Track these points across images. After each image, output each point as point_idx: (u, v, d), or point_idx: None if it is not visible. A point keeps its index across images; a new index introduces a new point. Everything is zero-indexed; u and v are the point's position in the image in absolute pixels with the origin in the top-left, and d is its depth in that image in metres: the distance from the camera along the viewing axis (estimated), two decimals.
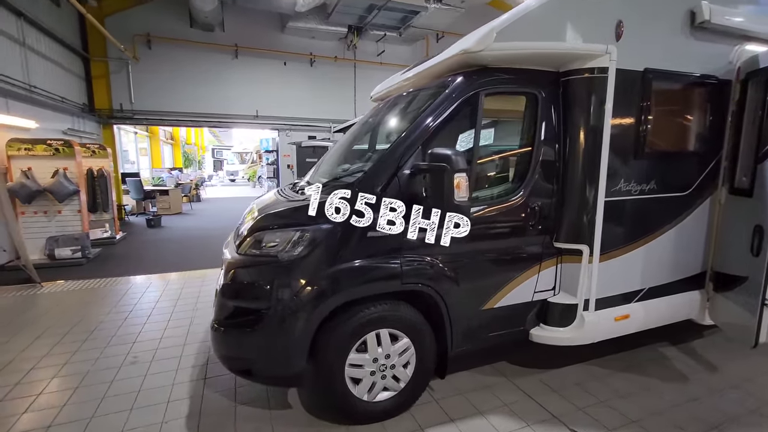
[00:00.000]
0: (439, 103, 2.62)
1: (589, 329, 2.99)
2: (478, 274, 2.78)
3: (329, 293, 2.40)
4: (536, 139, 2.84)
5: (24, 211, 6.55)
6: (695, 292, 3.42)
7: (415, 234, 2.53)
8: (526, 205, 2.84)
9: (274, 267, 2.42)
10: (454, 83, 2.69)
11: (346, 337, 2.48)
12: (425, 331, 2.69)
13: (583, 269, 2.94)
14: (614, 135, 2.83)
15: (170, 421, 2.68)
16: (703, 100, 3.17)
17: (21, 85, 7.29)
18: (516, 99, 2.88)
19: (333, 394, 2.52)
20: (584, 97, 2.81)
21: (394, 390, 2.68)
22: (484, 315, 2.86)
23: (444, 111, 2.61)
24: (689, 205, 3.23)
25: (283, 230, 2.49)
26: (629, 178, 2.95)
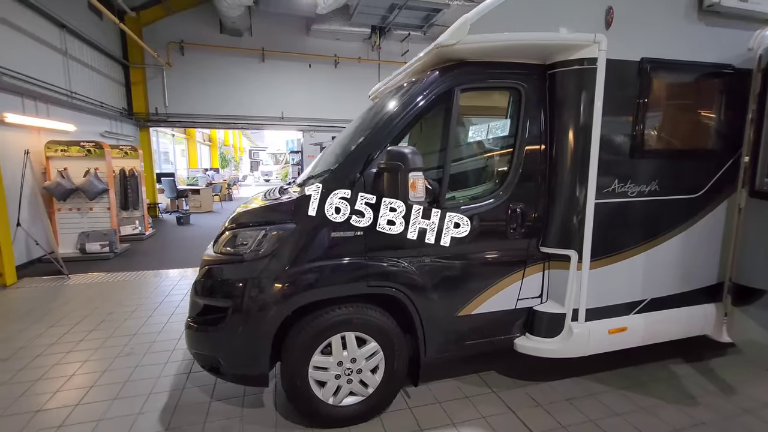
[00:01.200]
0: (410, 100, 2.53)
1: (578, 341, 2.77)
2: (451, 279, 2.65)
3: (289, 294, 2.37)
4: (519, 137, 2.67)
5: (60, 208, 7.07)
6: (710, 306, 3.09)
7: (380, 235, 2.45)
8: (507, 206, 2.68)
9: (239, 266, 2.43)
10: (427, 79, 2.58)
11: (310, 338, 2.44)
12: (396, 335, 2.60)
13: (572, 276, 2.73)
14: (606, 132, 2.61)
15: (146, 413, 2.76)
16: (717, 92, 2.86)
17: (62, 92, 7.87)
18: (498, 94, 2.73)
19: (297, 396, 2.49)
20: (571, 90, 2.61)
21: (362, 395, 2.61)
22: (460, 322, 2.72)
23: (415, 108, 2.51)
24: (700, 208, 2.92)
25: (250, 229, 2.49)
26: (625, 178, 2.71)
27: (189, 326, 2.56)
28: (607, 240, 2.75)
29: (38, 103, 6.91)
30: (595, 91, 2.53)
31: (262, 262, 2.39)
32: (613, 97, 2.59)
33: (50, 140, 6.90)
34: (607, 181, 2.67)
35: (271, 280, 2.36)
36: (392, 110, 2.54)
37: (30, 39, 7.03)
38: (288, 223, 2.42)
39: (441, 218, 2.55)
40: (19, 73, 6.37)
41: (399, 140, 2.49)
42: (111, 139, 9.87)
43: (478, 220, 2.64)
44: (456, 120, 2.55)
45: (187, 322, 2.60)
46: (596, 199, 2.64)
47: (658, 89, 2.70)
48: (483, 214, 2.65)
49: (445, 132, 2.54)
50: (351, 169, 2.45)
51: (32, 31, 7.08)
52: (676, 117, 2.82)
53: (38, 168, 6.85)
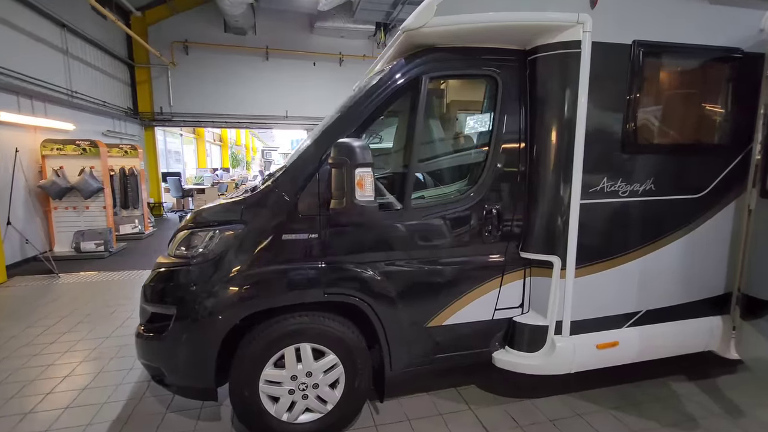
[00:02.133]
0: (371, 91, 2.30)
1: (562, 357, 2.49)
2: (419, 286, 2.41)
3: (236, 302, 2.17)
4: (495, 130, 2.41)
5: (56, 207, 7.07)
6: (716, 319, 2.78)
7: (337, 238, 2.24)
8: (482, 207, 2.42)
9: (185, 270, 2.25)
10: (392, 68, 2.35)
11: (260, 350, 2.24)
12: (357, 348, 2.37)
13: (554, 285, 2.46)
14: (593, 124, 2.33)
15: (95, 424, 2.61)
16: (723, 79, 2.54)
17: (62, 91, 7.90)
18: (472, 83, 2.48)
19: (246, 412, 2.30)
20: (552, 78, 2.34)
21: (320, 412, 2.39)
22: (429, 333, 2.48)
23: (377, 99, 2.28)
24: (703, 210, 2.61)
25: (200, 230, 2.31)
26: (615, 176, 2.42)
27: (137, 334, 2.39)
28: (595, 245, 2.47)
29: (35, 102, 6.92)
30: (579, 78, 2.26)
31: (207, 265, 2.20)
32: (600, 85, 2.31)
33: (46, 139, 6.90)
34: (594, 180, 2.39)
35: (217, 286, 2.17)
36: (352, 103, 2.32)
37: (28, 38, 7.06)
38: (236, 224, 2.23)
39: (406, 220, 2.33)
40: (14, 72, 6.38)
41: (358, 135, 2.27)
42: (114, 138, 9.91)
43: (448, 221, 2.40)
44: (423, 112, 2.31)
45: (137, 329, 2.43)
46: (582, 200, 2.37)
47: (653, 76, 2.41)
48: (454, 215, 2.41)
49: (411, 125, 2.31)
50: (305, 166, 2.24)
51: (31, 30, 7.10)
52: (674, 107, 2.52)
53: (34, 167, 6.87)
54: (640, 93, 2.38)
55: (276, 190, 2.24)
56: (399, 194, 2.33)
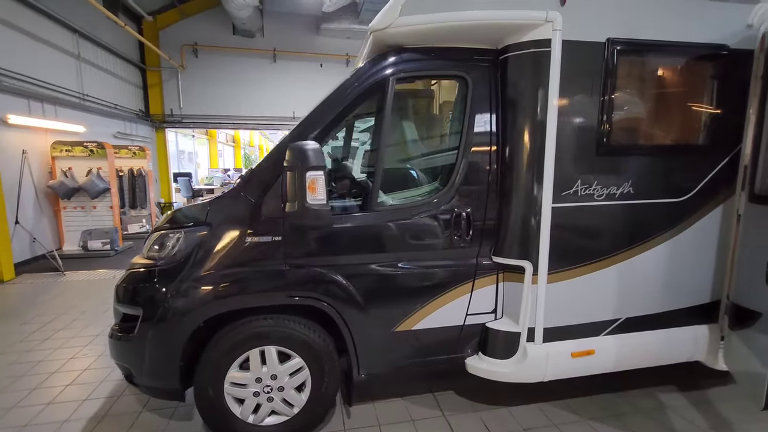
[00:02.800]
0: (339, 93, 2.28)
1: (534, 365, 2.43)
2: (385, 290, 2.38)
3: (199, 303, 2.18)
4: (465, 131, 2.36)
5: (66, 206, 7.30)
6: (702, 327, 2.66)
7: (301, 241, 2.23)
8: (451, 210, 2.38)
9: (153, 271, 2.27)
10: (359, 69, 2.33)
11: (225, 352, 2.25)
12: (324, 351, 2.36)
13: (526, 291, 2.39)
14: (565, 125, 2.26)
15: (73, 420, 2.66)
16: (707, 77, 2.43)
17: (73, 94, 8.14)
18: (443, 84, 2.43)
19: (212, 413, 2.31)
20: (522, 78, 2.28)
21: (286, 415, 2.39)
22: (398, 338, 2.45)
23: (343, 102, 2.26)
24: (687, 214, 2.50)
25: (169, 232, 2.33)
26: (590, 179, 2.34)
27: (110, 334, 2.43)
28: (570, 250, 2.39)
29: (45, 105, 7.15)
30: (549, 78, 2.19)
31: (172, 267, 2.22)
32: (573, 85, 2.24)
33: (56, 141, 7.12)
34: (567, 183, 2.31)
35: (180, 288, 2.19)
36: (319, 106, 2.31)
37: (41, 44, 7.29)
38: (202, 226, 2.24)
39: (372, 222, 2.30)
40: (24, 76, 6.59)
41: (323, 138, 2.25)
42: (124, 139, 10.17)
43: (416, 225, 2.36)
44: (390, 114, 2.27)
45: (110, 329, 2.47)
46: (554, 203, 2.30)
47: (629, 75, 2.32)
48: (423, 218, 2.37)
49: (378, 127, 2.28)
50: (269, 169, 2.23)
51: (43, 36, 7.34)
52: (653, 108, 2.41)
53: (44, 167, 7.10)
54: (616, 93, 2.29)
55: (240, 192, 2.25)
56: (365, 197, 2.31)
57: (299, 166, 1.89)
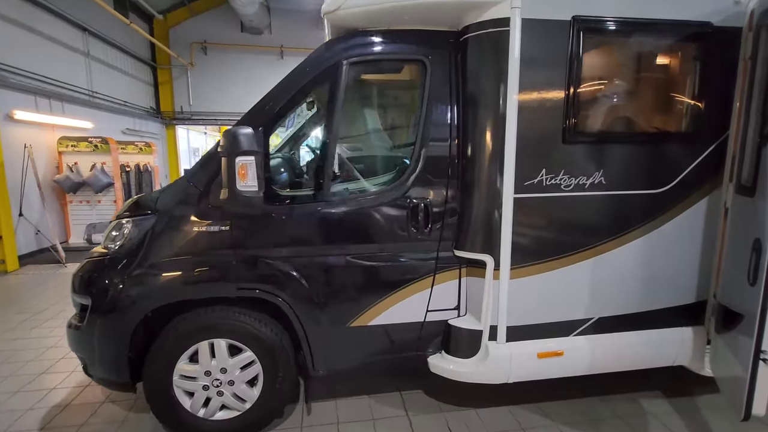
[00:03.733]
0: (290, 78, 2.21)
1: (497, 365, 2.29)
2: (339, 284, 2.29)
3: (144, 294, 2.14)
4: (423, 118, 2.24)
5: (72, 200, 7.49)
6: (686, 330, 2.47)
7: (250, 230, 2.16)
8: (409, 200, 2.26)
9: (104, 260, 2.25)
10: (311, 54, 2.24)
11: (173, 344, 2.21)
12: (277, 345, 2.29)
13: (488, 287, 2.26)
14: (528, 111, 2.11)
15: (36, 409, 2.68)
16: (688, 58, 2.24)
17: (81, 91, 8.35)
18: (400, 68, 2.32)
19: (161, 406, 2.27)
20: (481, 60, 2.14)
21: (237, 410, 2.33)
22: (353, 334, 2.35)
23: (294, 87, 2.18)
24: (667, 206, 2.32)
25: (119, 221, 2.31)
26: (556, 168, 2.19)
27: (68, 324, 2.43)
28: (535, 244, 2.25)
29: (53, 102, 7.35)
30: (508, 60, 2.05)
31: (120, 257, 2.19)
32: (536, 68, 2.09)
33: (62, 136, 7.31)
34: (530, 172, 2.16)
35: (126, 278, 2.15)
36: (270, 92, 2.24)
37: (49, 41, 7.49)
38: (149, 215, 2.20)
39: (325, 212, 2.21)
40: (31, 72, 6.77)
41: (272, 125, 2.18)
42: (134, 135, 10.38)
43: (371, 215, 2.26)
44: (343, 99, 2.18)
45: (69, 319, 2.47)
46: (516, 194, 2.16)
47: (599, 57, 2.15)
48: (378, 208, 2.27)
49: (331, 113, 2.19)
50: (217, 156, 2.17)
51: (52, 34, 7.54)
52: (627, 92, 2.24)
53: (51, 162, 7.30)
54: (584, 76, 2.13)
55: (188, 180, 2.20)
56: (317, 185, 2.22)
57: (230, 152, 1.82)
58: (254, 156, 1.84)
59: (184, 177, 2.21)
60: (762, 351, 1.87)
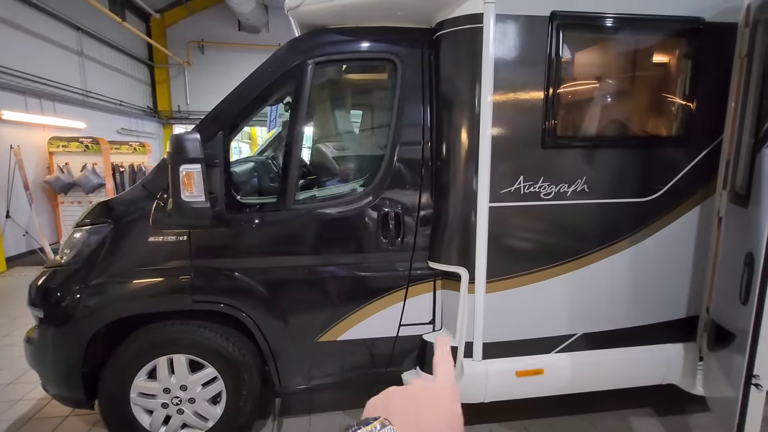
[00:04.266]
0: (252, 80, 2.08)
1: (472, 383, 2.16)
2: (305, 297, 2.17)
3: (94, 308, 2.03)
4: (394, 122, 2.11)
5: (63, 201, 7.42)
6: (677, 346, 2.32)
7: (209, 240, 2.04)
8: (379, 210, 2.13)
9: (56, 272, 2.14)
10: (275, 53, 2.12)
11: (130, 359, 2.10)
12: (240, 361, 2.17)
13: (462, 300, 2.13)
14: (503, 114, 1.97)
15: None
16: (677, 56, 2.08)
17: (74, 91, 8.28)
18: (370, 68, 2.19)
19: (118, 424, 2.16)
20: (453, 60, 2.00)
21: (200, 428, 2.22)
22: (321, 349, 2.23)
23: (256, 89, 2.06)
24: (655, 216, 2.17)
25: (74, 230, 2.20)
26: (535, 175, 2.04)
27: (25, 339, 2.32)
28: (513, 256, 2.11)
29: (43, 101, 7.28)
30: (482, 59, 1.91)
31: (74, 268, 2.07)
32: (512, 68, 1.95)
33: (52, 136, 7.24)
34: (507, 179, 2.02)
35: (78, 290, 2.04)
36: (230, 94, 2.11)
37: (40, 40, 7.42)
38: (104, 224, 2.09)
39: (289, 222, 2.09)
40: (20, 72, 6.70)
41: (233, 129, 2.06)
42: (129, 135, 10.31)
43: (339, 225, 2.14)
44: (308, 102, 2.05)
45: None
46: (491, 203, 2.02)
47: (580, 55, 2.01)
48: (346, 218, 2.14)
49: (295, 117, 2.06)
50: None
51: (42, 32, 7.47)
52: (612, 94, 2.09)
53: (42, 163, 7.23)
54: (564, 76, 1.99)
55: (144, 187, 2.08)
56: (280, 193, 2.09)
57: (174, 159, 1.69)
58: (200, 164, 1.71)
59: (140, 183, 2.09)
60: (754, 375, 1.73)
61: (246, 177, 2.55)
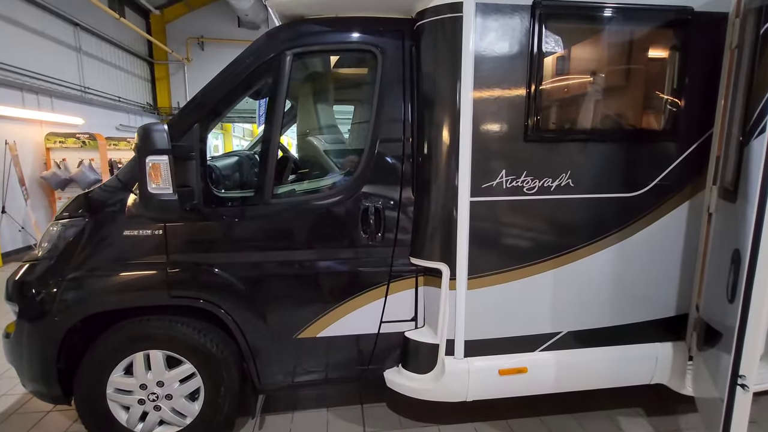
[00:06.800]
0: (229, 71, 2.04)
1: (454, 382, 2.12)
2: (284, 293, 2.13)
3: (69, 303, 2.00)
4: (375, 114, 2.06)
5: (60, 197, 7.43)
6: (665, 345, 2.27)
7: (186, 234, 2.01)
8: (358, 204, 2.09)
9: (32, 266, 2.11)
10: (252, 44, 2.07)
11: (107, 355, 2.08)
12: (219, 357, 2.14)
13: (444, 297, 2.08)
14: (485, 106, 1.92)
15: None
16: (665, 47, 2.02)
17: (72, 87, 8.27)
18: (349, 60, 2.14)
19: (94, 421, 2.14)
20: (434, 50, 1.95)
21: (177, 425, 2.19)
22: (301, 346, 2.19)
23: (233, 81, 2.02)
24: (642, 211, 2.11)
25: (51, 224, 2.18)
26: (517, 169, 1.99)
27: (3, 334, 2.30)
28: (495, 251, 2.06)
29: (41, 97, 7.28)
30: (461, 48, 1.85)
31: (49, 261, 2.05)
32: (493, 58, 1.90)
33: (49, 132, 7.25)
34: (488, 173, 1.97)
35: (54, 285, 2.01)
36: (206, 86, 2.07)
37: (37, 36, 7.42)
38: (80, 218, 2.06)
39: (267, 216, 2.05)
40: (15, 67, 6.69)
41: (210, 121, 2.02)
42: (129, 132, 10.31)
43: (318, 219, 2.10)
44: (285, 94, 2.01)
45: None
46: (472, 197, 1.97)
47: (566, 46, 1.95)
48: (326, 212, 2.10)
49: (272, 109, 2.02)
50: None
51: (39, 28, 7.46)
52: (598, 85, 2.03)
53: (39, 158, 7.24)
54: (548, 67, 1.93)
55: (118, 179, 2.05)
56: (258, 187, 2.05)
57: (140, 150, 1.66)
58: (167, 155, 1.67)
59: (115, 176, 2.06)
60: (740, 375, 1.67)
61: (230, 171, 2.51)
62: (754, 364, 1.64)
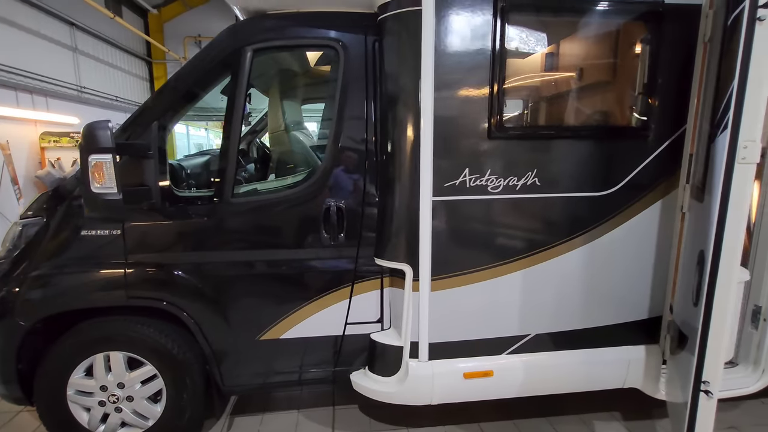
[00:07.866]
0: (187, 68, 2.01)
1: (418, 385, 2.07)
2: (245, 294, 2.09)
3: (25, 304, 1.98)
4: (337, 111, 2.02)
5: None
6: (638, 349, 2.20)
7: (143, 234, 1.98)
8: (320, 204, 2.04)
9: None
10: (212, 40, 2.04)
11: (66, 356, 2.05)
12: (180, 358, 2.11)
13: (407, 299, 2.04)
14: (446, 102, 1.87)
15: None
16: (634, 41, 1.95)
17: (68, 86, 8.31)
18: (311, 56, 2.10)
19: (55, 422, 2.12)
20: (394, 45, 1.90)
21: (139, 427, 2.17)
22: (264, 347, 2.16)
23: (191, 78, 1.98)
24: (612, 211, 2.05)
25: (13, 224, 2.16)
26: (481, 167, 1.94)
27: None
28: (459, 252, 2.01)
29: (35, 97, 7.31)
30: (421, 43, 1.80)
31: (8, 262, 2.03)
32: (454, 53, 1.84)
33: (44, 131, 7.28)
34: (451, 172, 1.92)
35: (11, 286, 1.99)
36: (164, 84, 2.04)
37: (32, 35, 7.45)
38: (39, 217, 2.04)
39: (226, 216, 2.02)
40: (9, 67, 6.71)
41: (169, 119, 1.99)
42: None
43: (279, 219, 2.06)
44: (244, 91, 1.97)
45: None
46: (434, 196, 1.92)
47: (530, 40, 1.89)
48: (287, 211, 2.06)
49: (230, 107, 1.98)
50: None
51: (34, 27, 7.49)
52: (564, 81, 1.97)
53: (34, 158, 7.27)
54: (512, 61, 1.87)
55: (77, 178, 2.02)
56: (217, 186, 2.02)
57: (83, 148, 1.63)
58: (110, 154, 1.64)
59: (74, 174, 2.03)
60: (703, 381, 1.61)
61: (198, 170, 2.48)
62: (718, 370, 1.58)
